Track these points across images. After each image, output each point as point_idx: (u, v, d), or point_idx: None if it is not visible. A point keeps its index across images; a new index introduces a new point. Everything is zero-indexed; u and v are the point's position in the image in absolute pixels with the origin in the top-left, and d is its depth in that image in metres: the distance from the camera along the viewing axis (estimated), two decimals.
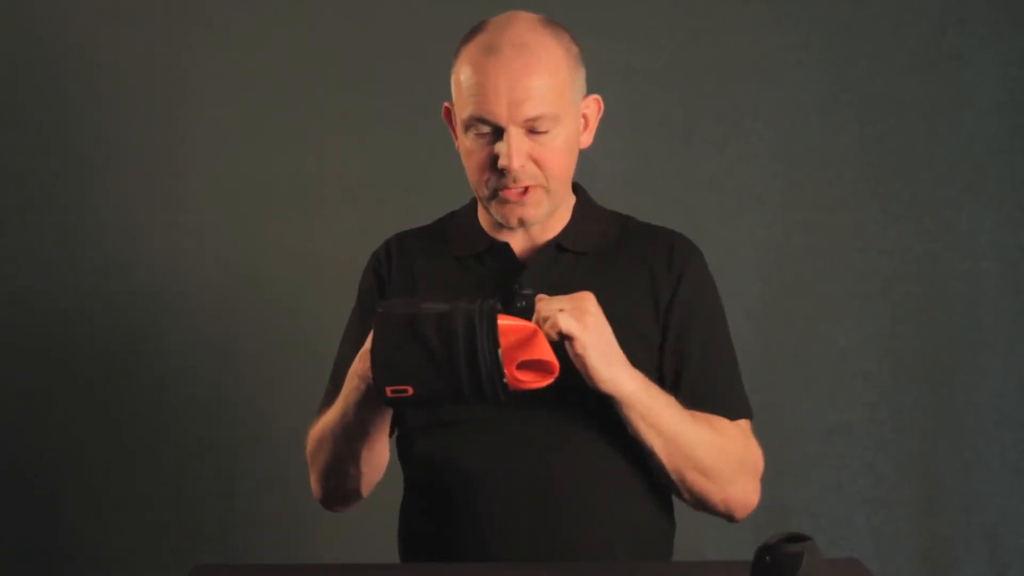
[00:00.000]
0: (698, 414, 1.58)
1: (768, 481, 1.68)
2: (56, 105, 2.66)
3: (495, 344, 1.39)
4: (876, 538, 2.70)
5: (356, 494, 1.68)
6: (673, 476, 1.57)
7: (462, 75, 1.58)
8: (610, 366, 1.50)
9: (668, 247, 1.68)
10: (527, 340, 1.44)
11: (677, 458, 1.55)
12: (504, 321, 1.43)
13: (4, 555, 2.66)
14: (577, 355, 1.48)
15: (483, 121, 1.56)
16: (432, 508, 1.65)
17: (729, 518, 1.63)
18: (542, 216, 1.62)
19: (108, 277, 2.67)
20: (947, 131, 2.70)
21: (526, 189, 1.58)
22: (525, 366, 1.44)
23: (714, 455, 1.57)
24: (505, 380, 1.41)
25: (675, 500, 1.69)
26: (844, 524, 2.69)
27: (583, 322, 1.48)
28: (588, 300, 1.50)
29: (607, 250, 1.67)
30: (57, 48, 2.65)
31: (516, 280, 1.62)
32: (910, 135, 2.70)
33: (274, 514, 2.67)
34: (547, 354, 1.44)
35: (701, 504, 1.61)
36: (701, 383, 1.63)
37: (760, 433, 1.68)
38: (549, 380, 1.45)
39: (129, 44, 2.66)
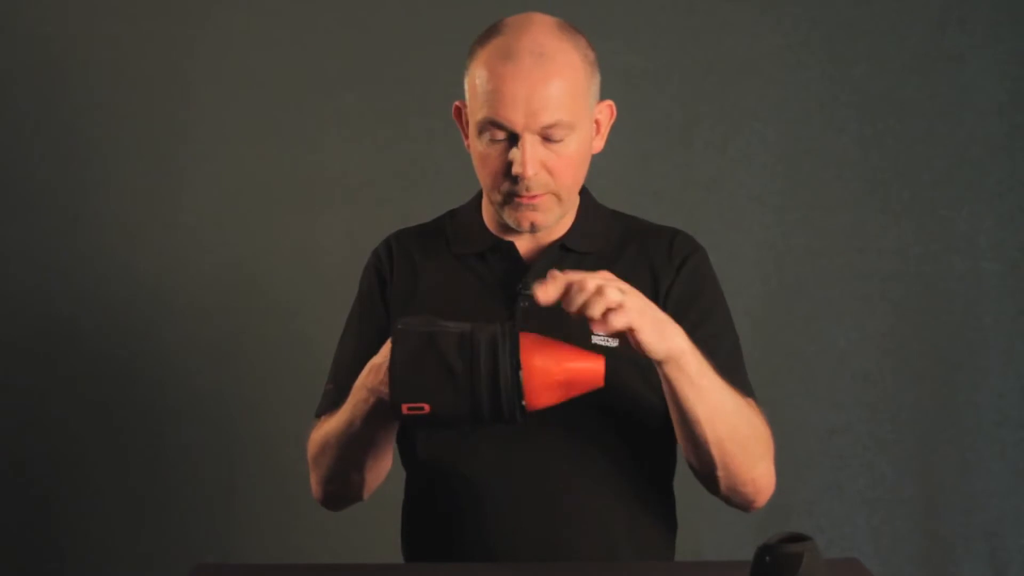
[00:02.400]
0: None
1: None
2: (56, 105, 2.66)
3: (517, 366, 1.38)
4: (876, 538, 2.69)
5: (357, 496, 1.67)
6: (713, 449, 1.50)
7: (478, 78, 1.56)
8: (663, 331, 1.44)
9: (669, 243, 1.68)
10: (573, 355, 1.42)
11: (720, 427, 1.49)
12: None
13: (4, 555, 2.66)
14: (635, 337, 1.41)
15: (498, 126, 1.54)
16: (435, 509, 1.65)
17: (749, 505, 1.59)
18: (553, 221, 1.62)
19: (108, 277, 2.66)
20: (947, 131, 2.70)
21: (537, 194, 1.58)
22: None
23: (749, 426, 1.53)
24: (524, 403, 1.39)
25: (675, 501, 1.69)
26: (844, 524, 2.69)
27: (628, 299, 1.40)
28: (612, 277, 1.42)
29: (610, 250, 1.67)
30: (57, 48, 2.65)
31: (520, 280, 1.62)
32: (910, 135, 2.70)
33: (274, 514, 2.67)
34: (595, 374, 1.42)
35: (731, 486, 1.55)
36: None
37: None
38: (568, 397, 1.43)
39: (129, 44, 2.66)
